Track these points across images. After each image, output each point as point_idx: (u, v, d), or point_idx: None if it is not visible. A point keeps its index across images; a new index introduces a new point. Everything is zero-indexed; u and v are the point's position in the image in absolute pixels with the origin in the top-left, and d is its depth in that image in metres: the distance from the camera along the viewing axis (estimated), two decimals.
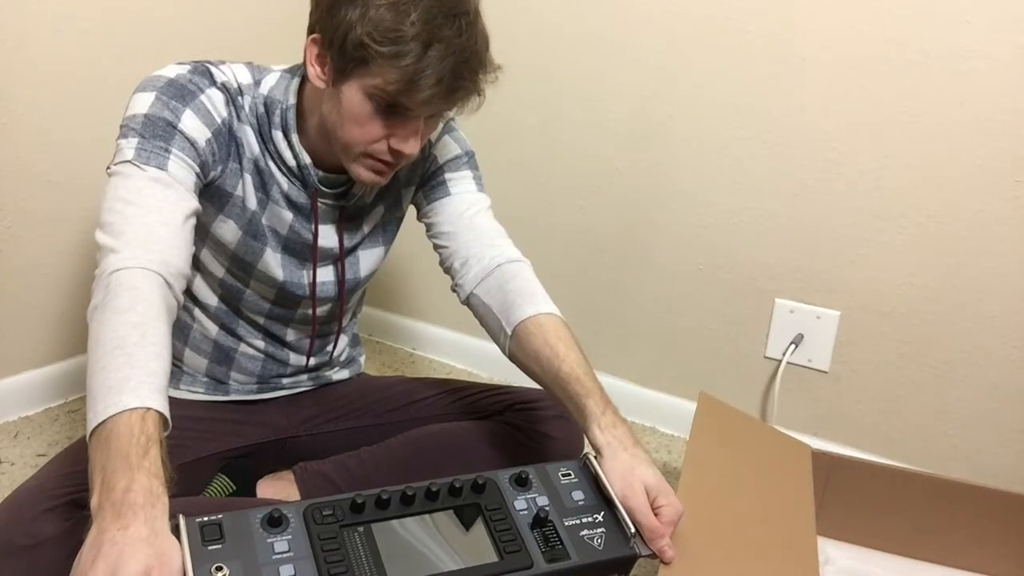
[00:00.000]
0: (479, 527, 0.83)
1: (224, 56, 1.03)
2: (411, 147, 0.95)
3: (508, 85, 1.69)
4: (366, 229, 1.14)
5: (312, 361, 1.20)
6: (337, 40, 0.90)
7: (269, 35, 1.67)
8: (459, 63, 0.89)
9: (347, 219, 1.11)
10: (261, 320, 1.14)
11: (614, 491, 0.87)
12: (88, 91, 1.42)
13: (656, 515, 0.86)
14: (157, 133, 0.91)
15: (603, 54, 1.59)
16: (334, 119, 0.96)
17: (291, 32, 1.12)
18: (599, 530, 0.86)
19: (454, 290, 1.12)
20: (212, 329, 1.13)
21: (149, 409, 0.74)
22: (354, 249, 1.14)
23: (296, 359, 1.19)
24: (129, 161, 0.89)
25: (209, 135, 0.96)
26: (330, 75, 0.94)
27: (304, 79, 1.01)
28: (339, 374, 1.27)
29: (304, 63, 0.97)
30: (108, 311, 0.80)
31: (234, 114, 0.99)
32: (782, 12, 1.41)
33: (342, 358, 1.27)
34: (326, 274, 1.13)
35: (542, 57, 1.65)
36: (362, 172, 0.98)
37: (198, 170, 0.95)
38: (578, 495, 0.89)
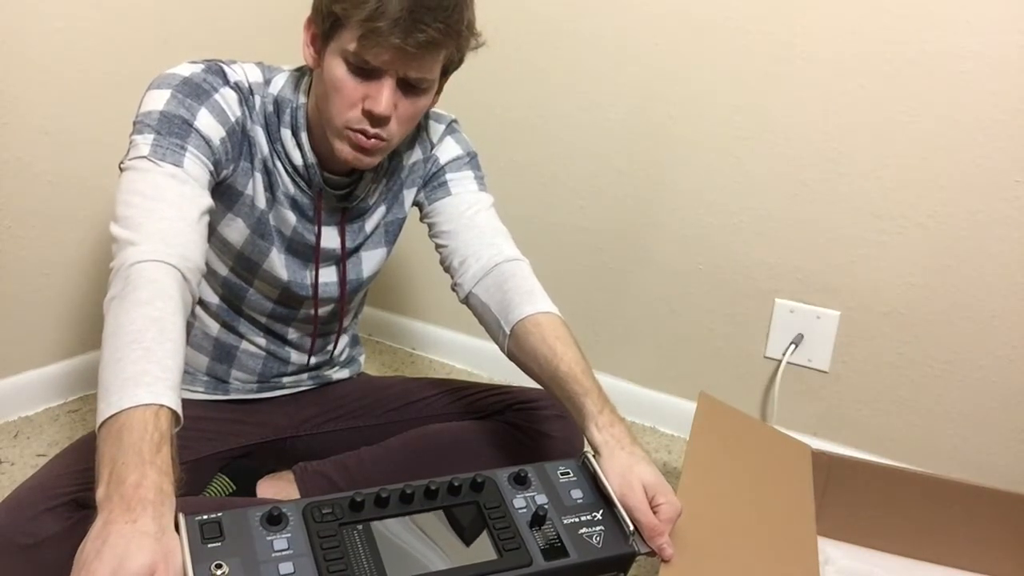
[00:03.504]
0: (478, 525, 0.83)
1: (226, 55, 1.03)
2: (379, 105, 0.93)
3: (508, 85, 1.71)
4: (368, 230, 1.14)
5: (313, 360, 1.21)
6: (320, 9, 0.94)
7: (269, 35, 1.68)
8: (417, 5, 0.89)
9: (350, 220, 1.11)
10: (263, 319, 1.14)
11: (613, 489, 0.87)
12: (88, 91, 1.42)
13: (655, 513, 0.86)
14: (173, 130, 0.91)
15: (603, 54, 1.59)
16: (320, 94, 0.97)
17: (292, 31, 1.12)
18: (598, 528, 0.86)
19: (453, 289, 1.12)
20: (213, 327, 1.13)
21: (163, 406, 0.74)
22: (356, 250, 1.15)
23: (297, 357, 1.19)
24: (145, 157, 0.89)
25: (223, 134, 0.96)
26: (319, 51, 0.96)
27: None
28: (339, 374, 1.27)
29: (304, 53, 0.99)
30: (127, 303, 0.80)
31: (247, 114, 1.00)
32: (782, 12, 1.41)
33: (342, 358, 1.27)
34: (328, 275, 1.13)
35: (542, 57, 1.65)
36: (344, 149, 0.97)
37: (212, 168, 0.95)
38: (577, 493, 0.89)
